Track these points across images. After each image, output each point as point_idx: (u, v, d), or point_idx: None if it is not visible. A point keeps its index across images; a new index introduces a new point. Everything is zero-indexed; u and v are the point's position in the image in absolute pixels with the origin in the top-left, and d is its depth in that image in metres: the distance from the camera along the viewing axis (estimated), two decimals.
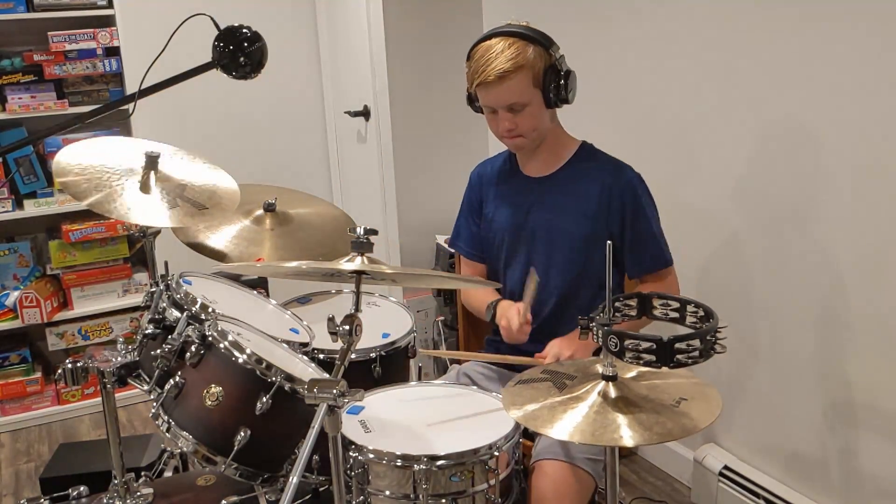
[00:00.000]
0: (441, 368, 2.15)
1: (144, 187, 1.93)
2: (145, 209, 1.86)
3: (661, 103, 2.60)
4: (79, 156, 1.93)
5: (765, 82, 2.23)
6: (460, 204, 2.17)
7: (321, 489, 1.79)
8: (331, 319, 1.46)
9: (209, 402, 1.62)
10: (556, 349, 1.83)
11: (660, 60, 2.57)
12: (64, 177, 1.84)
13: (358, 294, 1.50)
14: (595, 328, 1.31)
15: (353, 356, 1.50)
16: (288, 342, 1.87)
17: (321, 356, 1.96)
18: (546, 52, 1.83)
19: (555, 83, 1.83)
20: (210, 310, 1.80)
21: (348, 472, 1.55)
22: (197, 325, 1.73)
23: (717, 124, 2.40)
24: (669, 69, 2.54)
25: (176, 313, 1.82)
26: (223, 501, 1.75)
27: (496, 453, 1.53)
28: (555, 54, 1.84)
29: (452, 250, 3.29)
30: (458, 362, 2.13)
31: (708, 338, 1.22)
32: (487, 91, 1.83)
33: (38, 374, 3.46)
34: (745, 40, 2.27)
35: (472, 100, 1.93)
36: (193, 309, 1.80)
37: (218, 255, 2.13)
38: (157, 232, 2.03)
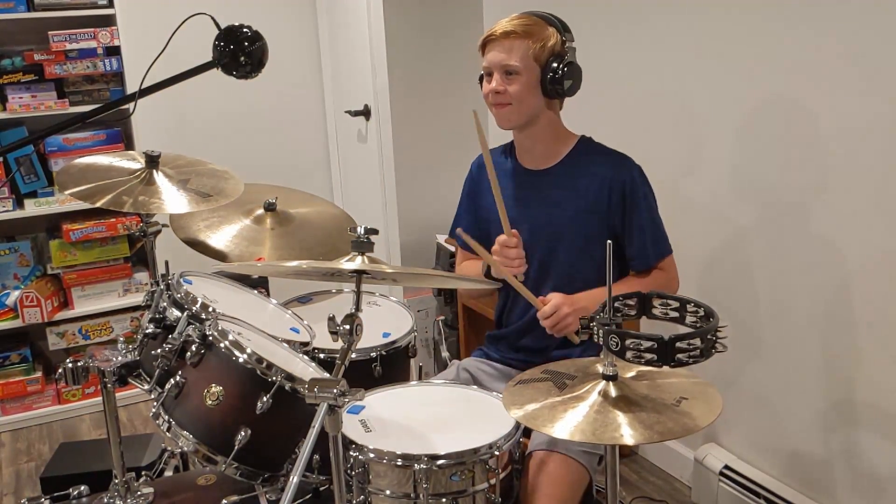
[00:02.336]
0: (441, 367, 2.15)
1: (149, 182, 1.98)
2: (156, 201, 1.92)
3: (664, 98, 2.60)
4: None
5: (770, 76, 2.23)
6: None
7: (322, 489, 1.79)
8: (331, 319, 1.46)
9: (210, 402, 1.62)
10: (558, 301, 1.79)
11: (663, 54, 2.57)
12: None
13: (358, 293, 1.50)
14: (595, 327, 1.31)
15: (353, 356, 1.50)
16: (288, 342, 1.87)
17: (322, 355, 1.96)
18: (559, 35, 1.86)
19: (556, 66, 1.84)
20: (210, 309, 1.80)
21: (349, 471, 1.55)
22: (197, 324, 1.73)
23: (722, 119, 2.40)
24: (673, 63, 2.54)
25: (176, 313, 1.82)
26: (224, 501, 1.75)
27: (496, 453, 1.53)
28: (567, 42, 1.86)
29: (452, 249, 3.30)
30: (459, 358, 2.12)
31: (709, 337, 1.22)
32: (489, 49, 1.86)
33: (39, 374, 3.46)
34: (750, 33, 2.26)
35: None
36: (194, 308, 1.80)
37: (218, 255, 2.14)
38: (158, 231, 2.03)
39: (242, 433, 1.59)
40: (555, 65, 1.84)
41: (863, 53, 1.97)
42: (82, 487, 1.99)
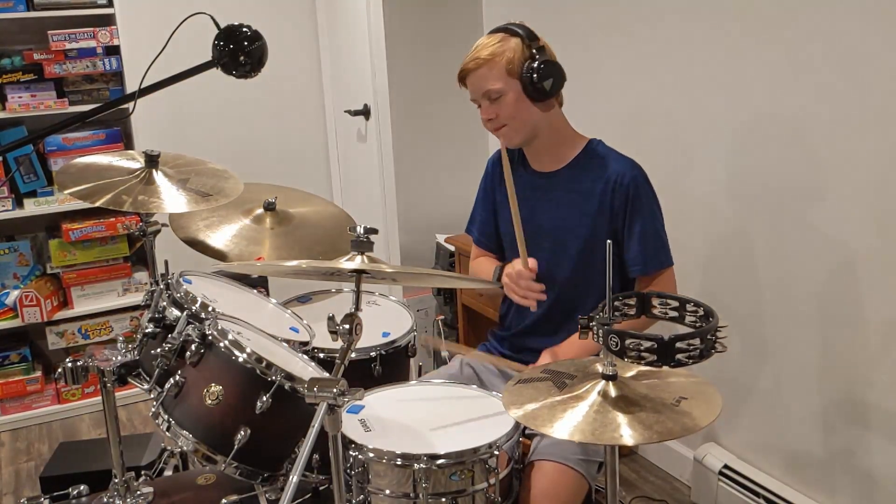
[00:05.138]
0: (440, 367, 2.15)
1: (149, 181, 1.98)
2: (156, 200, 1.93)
3: (659, 98, 2.60)
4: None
5: (765, 75, 2.23)
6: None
7: (321, 488, 1.79)
8: (331, 318, 1.46)
9: (209, 401, 1.62)
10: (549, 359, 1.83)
11: (658, 55, 2.57)
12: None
13: (358, 293, 1.50)
14: (595, 327, 1.31)
15: (353, 355, 1.50)
16: (288, 341, 1.87)
17: (321, 355, 1.96)
18: (525, 43, 1.86)
19: (529, 73, 1.85)
20: (210, 309, 1.80)
21: (348, 471, 1.55)
22: (197, 323, 1.73)
23: (717, 119, 2.40)
24: (668, 63, 2.54)
25: (176, 312, 1.82)
26: (223, 500, 1.75)
27: (496, 452, 1.53)
28: (534, 45, 1.86)
29: (452, 248, 3.30)
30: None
31: (708, 337, 1.22)
32: (468, 82, 1.90)
33: (39, 373, 3.46)
34: (744, 33, 2.26)
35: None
36: (193, 308, 1.80)
37: (218, 254, 2.14)
38: (158, 231, 2.03)
39: (242, 432, 1.59)
40: (528, 72, 1.85)
41: (858, 56, 1.97)
42: (82, 487, 1.99)
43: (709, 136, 2.45)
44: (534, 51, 1.85)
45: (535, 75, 1.84)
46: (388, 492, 1.53)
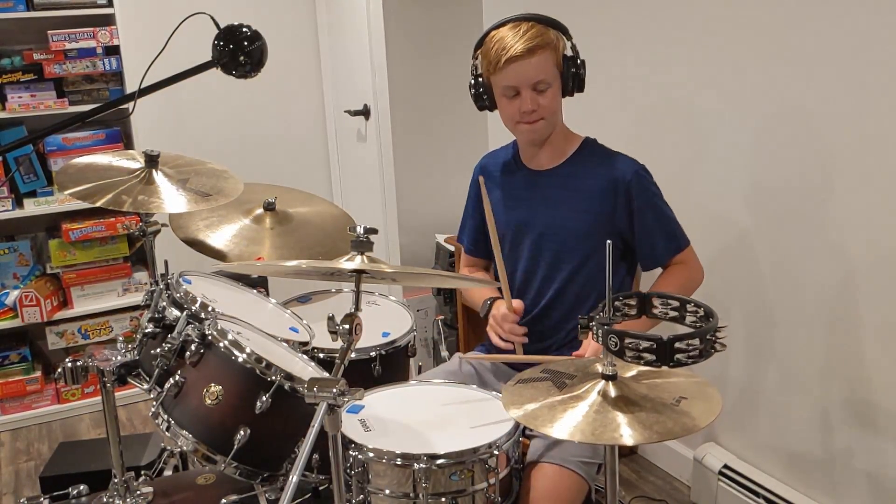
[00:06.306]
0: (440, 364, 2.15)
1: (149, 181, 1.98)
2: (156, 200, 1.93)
3: (667, 99, 2.60)
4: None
5: (774, 77, 2.22)
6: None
7: (321, 488, 1.79)
8: (331, 318, 1.46)
9: (209, 401, 1.62)
10: (595, 348, 1.78)
11: (666, 56, 2.57)
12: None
13: (358, 293, 1.50)
14: (595, 327, 1.31)
15: (353, 355, 1.50)
16: (288, 341, 1.87)
17: (321, 355, 1.96)
18: (564, 36, 1.86)
19: (574, 68, 1.85)
20: (210, 309, 1.80)
21: (348, 470, 1.55)
22: (197, 323, 1.73)
23: (725, 120, 2.40)
24: (676, 65, 2.54)
25: (176, 312, 1.82)
26: (223, 500, 1.75)
27: (496, 452, 1.53)
28: (571, 40, 1.87)
29: (452, 249, 3.30)
30: (461, 352, 2.12)
31: (708, 337, 1.22)
32: (514, 68, 1.81)
33: (38, 373, 3.46)
34: (754, 34, 2.26)
35: (479, 95, 1.92)
36: (193, 308, 1.80)
37: (218, 254, 2.14)
38: (157, 231, 2.03)
39: (242, 432, 1.59)
40: (573, 69, 1.85)
41: (872, 56, 1.97)
42: (81, 487, 1.99)
43: (715, 138, 2.45)
44: (573, 45, 1.86)
45: (578, 74, 1.85)
46: (388, 492, 1.53)
